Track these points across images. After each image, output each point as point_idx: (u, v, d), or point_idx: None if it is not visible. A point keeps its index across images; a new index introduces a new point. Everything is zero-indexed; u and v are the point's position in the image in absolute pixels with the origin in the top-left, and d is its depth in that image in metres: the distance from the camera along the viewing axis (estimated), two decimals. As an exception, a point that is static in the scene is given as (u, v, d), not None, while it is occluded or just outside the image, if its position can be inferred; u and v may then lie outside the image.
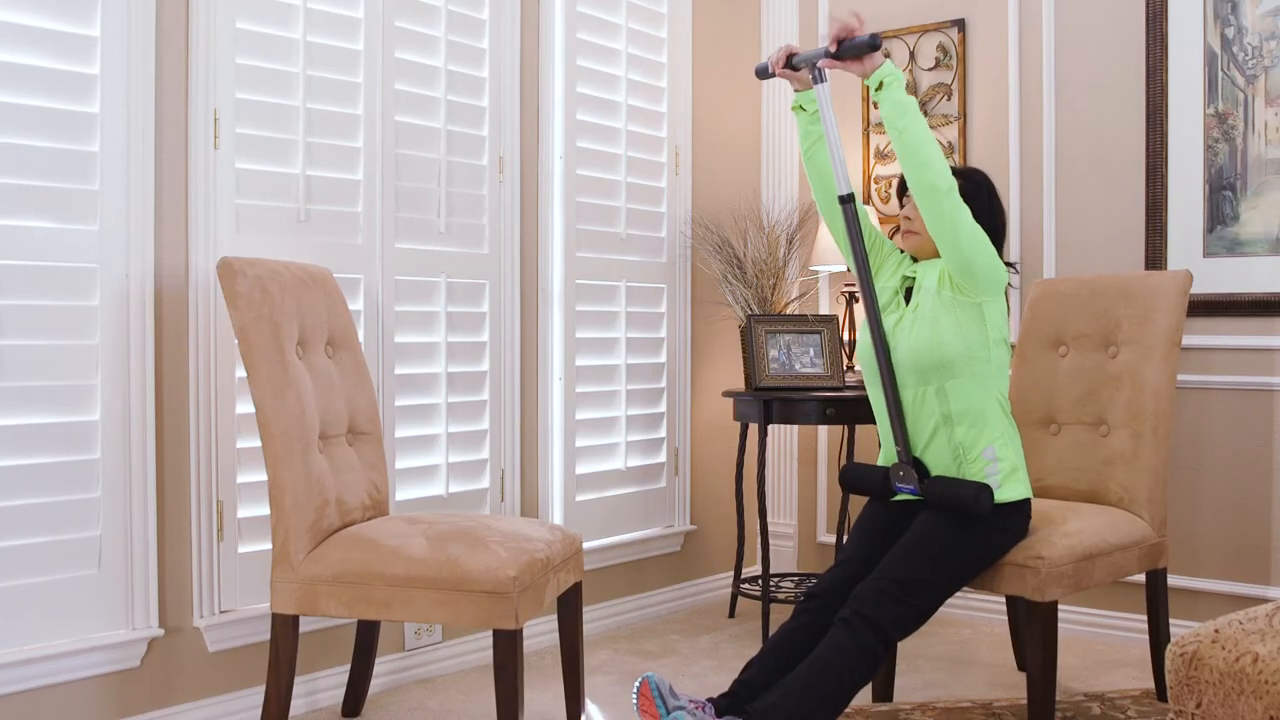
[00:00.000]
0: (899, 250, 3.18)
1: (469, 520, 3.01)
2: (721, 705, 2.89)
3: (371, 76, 3.45)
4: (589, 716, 3.30)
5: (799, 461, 4.87)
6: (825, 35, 2.92)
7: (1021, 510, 3.03)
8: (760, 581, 4.25)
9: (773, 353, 4.19)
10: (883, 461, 3.18)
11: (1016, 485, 3.00)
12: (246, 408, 3.07)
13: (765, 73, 3.13)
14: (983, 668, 3.77)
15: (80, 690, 2.90)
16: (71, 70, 2.86)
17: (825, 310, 4.80)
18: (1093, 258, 4.11)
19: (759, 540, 4.35)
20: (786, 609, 4.30)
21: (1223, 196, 3.87)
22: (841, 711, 2.84)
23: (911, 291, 3.08)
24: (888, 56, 2.96)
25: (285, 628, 2.86)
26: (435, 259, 3.65)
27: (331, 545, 2.86)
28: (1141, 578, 3.55)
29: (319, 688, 3.36)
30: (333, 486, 2.96)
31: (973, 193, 3.08)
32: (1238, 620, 2.28)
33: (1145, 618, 3.53)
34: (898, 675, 3.59)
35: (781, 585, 4.54)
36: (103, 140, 2.91)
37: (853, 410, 4.08)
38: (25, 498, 2.79)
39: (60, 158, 2.84)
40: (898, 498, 3.10)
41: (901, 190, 3.18)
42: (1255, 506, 3.82)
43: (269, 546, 3.13)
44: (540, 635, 3.94)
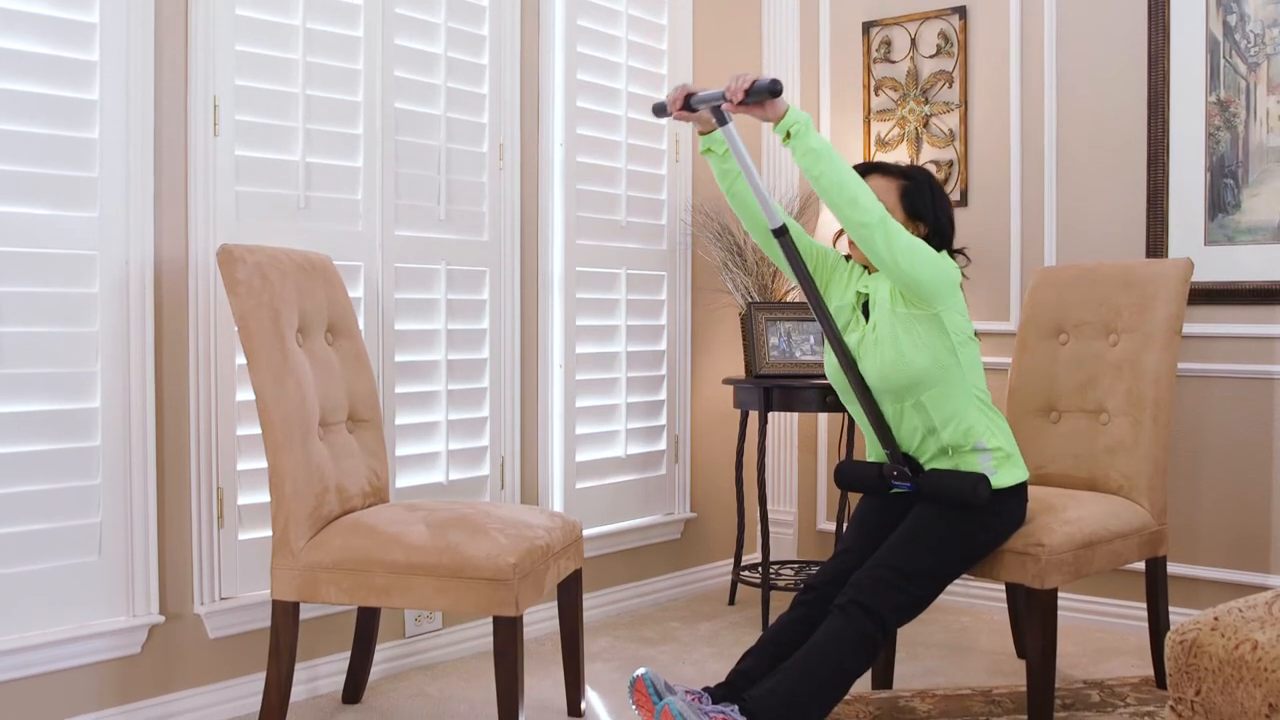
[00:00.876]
0: (845, 259, 3.17)
1: (469, 507, 3.01)
2: (719, 695, 2.90)
3: (371, 63, 3.45)
4: (589, 703, 3.31)
5: (799, 449, 4.87)
6: (729, 85, 2.81)
7: (1018, 495, 3.04)
8: (760, 569, 4.26)
9: (773, 340, 4.19)
10: (872, 455, 3.18)
11: (1012, 470, 3.00)
12: (247, 395, 3.07)
13: (663, 112, 3.02)
14: (982, 655, 3.78)
15: (81, 677, 2.90)
16: (71, 57, 2.85)
17: (826, 298, 4.79)
18: (1093, 245, 4.11)
19: (759, 528, 4.35)
20: (786, 596, 4.31)
21: (1224, 184, 3.86)
22: (839, 699, 2.84)
23: (869, 305, 3.07)
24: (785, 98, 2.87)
25: (286, 615, 2.87)
26: (435, 246, 3.64)
27: (332, 532, 2.87)
28: (1141, 565, 3.55)
29: (319, 674, 3.37)
30: (333, 474, 2.96)
31: (915, 192, 3.07)
32: (1237, 608, 2.29)
33: (1145, 606, 3.53)
34: (897, 663, 3.60)
35: (781, 573, 4.55)
36: (102, 127, 2.90)
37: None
38: (26, 485, 2.79)
39: (59, 144, 2.84)
40: (895, 491, 3.10)
41: None
42: (1255, 495, 3.82)
43: (269, 533, 3.13)
44: (540, 622, 3.94)
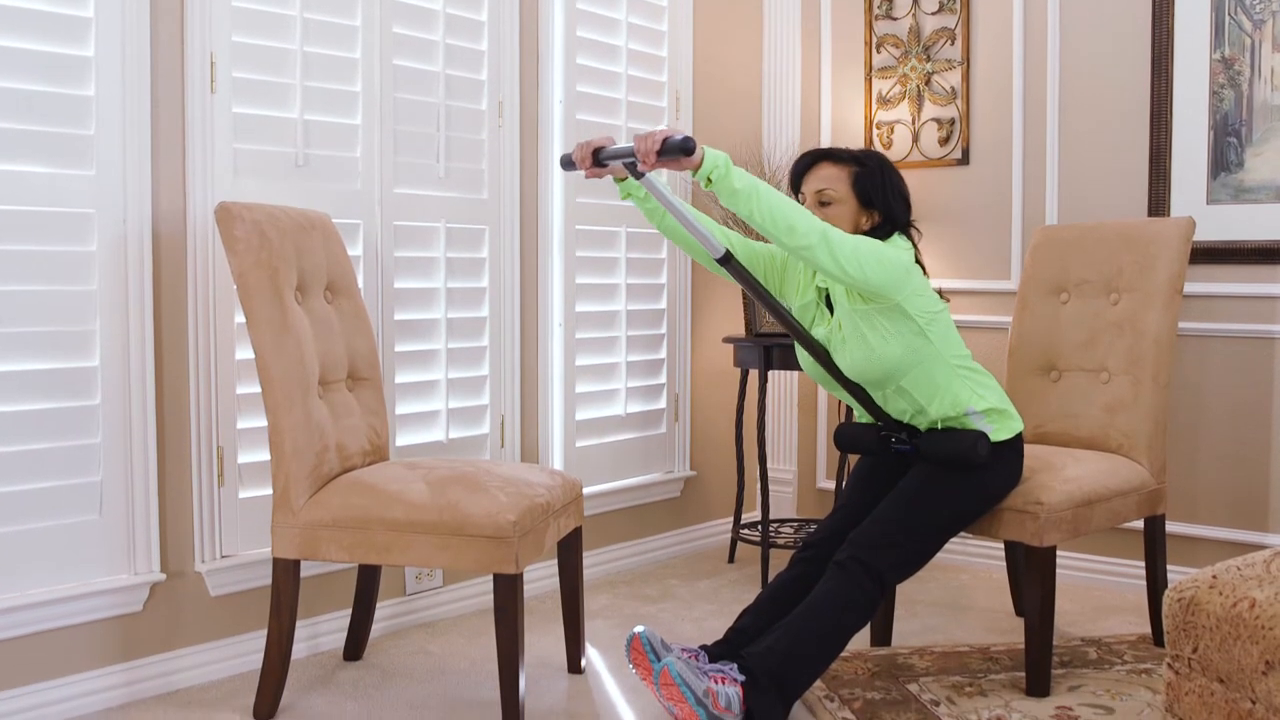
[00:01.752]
0: None
1: (469, 465, 3.01)
2: (716, 653, 2.91)
3: (369, 20, 3.42)
4: (589, 660, 3.33)
5: (799, 408, 4.87)
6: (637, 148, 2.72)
7: (1015, 447, 3.04)
8: (760, 527, 4.27)
9: (773, 299, 4.18)
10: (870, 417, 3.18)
11: (1007, 422, 3.01)
12: (246, 353, 3.07)
13: (570, 166, 2.92)
14: (981, 613, 3.80)
15: (83, 634, 2.91)
16: (65, 13, 2.83)
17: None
18: (1095, 204, 4.09)
19: (759, 486, 4.36)
20: (786, 554, 4.32)
21: (1227, 143, 3.84)
22: (836, 655, 2.86)
23: (830, 298, 3.04)
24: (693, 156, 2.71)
25: (286, 572, 2.88)
26: (434, 204, 3.63)
27: (332, 490, 2.87)
28: (1140, 524, 3.56)
29: (320, 632, 3.39)
30: (333, 432, 2.96)
31: (867, 178, 3.01)
32: (1235, 566, 2.29)
33: (1143, 564, 3.54)
34: (896, 620, 3.61)
35: (781, 531, 4.56)
36: (98, 84, 2.88)
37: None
38: (26, 443, 2.79)
39: (55, 102, 2.82)
40: (895, 449, 3.10)
41: (796, 186, 3.10)
42: (1254, 454, 3.83)
43: (269, 492, 3.14)
44: (541, 580, 3.96)
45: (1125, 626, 3.63)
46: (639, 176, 2.81)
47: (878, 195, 3.01)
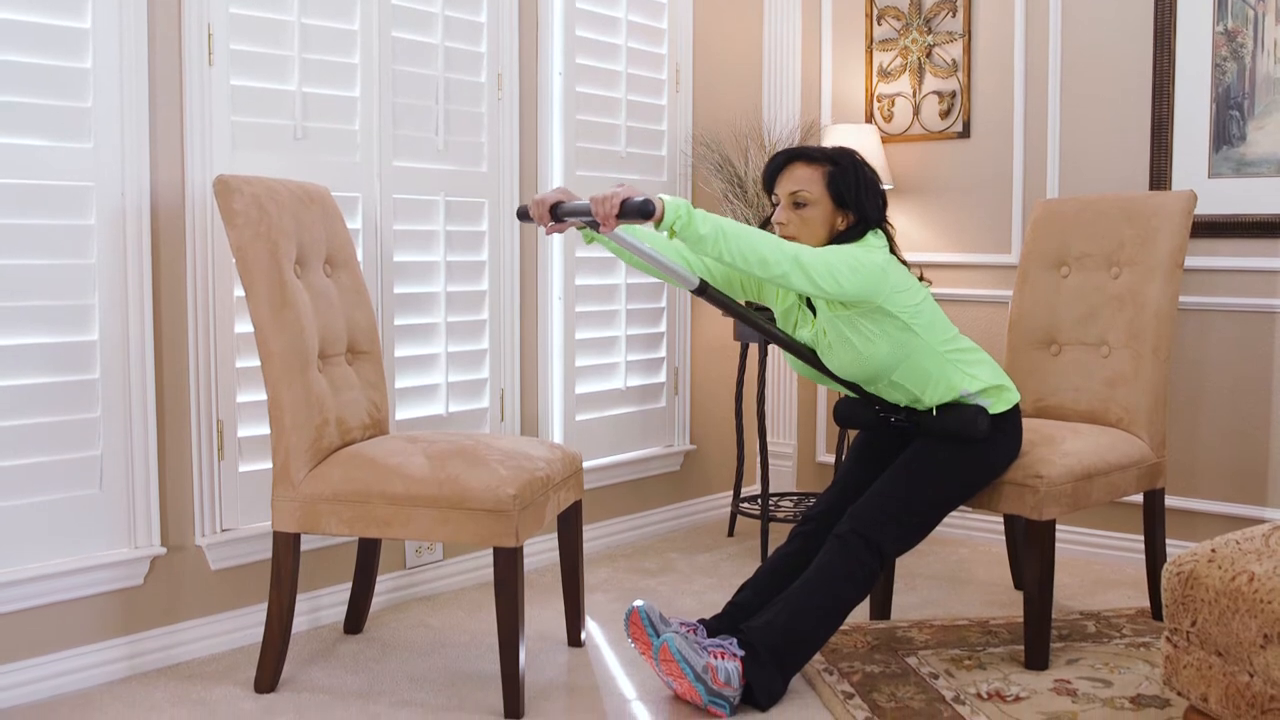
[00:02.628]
0: None
1: (469, 439, 3.01)
2: (714, 627, 2.93)
3: (368, -9, 3.40)
4: (589, 634, 3.34)
5: (798, 382, 4.87)
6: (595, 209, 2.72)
7: (1012, 419, 3.05)
8: (759, 501, 4.28)
9: (773, 273, 4.17)
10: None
11: (1003, 395, 3.02)
12: (245, 327, 3.06)
13: (526, 217, 2.89)
14: (980, 586, 3.80)
15: (84, 608, 2.92)
16: (62, -16, 2.81)
17: (826, 230, 4.77)
18: (1096, 178, 4.07)
19: (758, 460, 4.36)
20: (785, 528, 4.33)
21: (1229, 116, 3.83)
22: (836, 629, 2.88)
23: (812, 300, 3.03)
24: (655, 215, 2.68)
25: (286, 546, 2.88)
26: (434, 177, 3.62)
27: (332, 464, 2.87)
28: (1139, 498, 3.57)
29: (321, 605, 3.39)
30: (332, 406, 2.96)
31: (841, 178, 2.98)
32: (1234, 540, 2.30)
33: (1142, 538, 3.55)
34: (895, 593, 3.62)
35: (780, 504, 4.57)
36: (95, 56, 2.86)
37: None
38: (25, 418, 2.79)
39: (51, 74, 2.81)
40: (895, 423, 3.10)
41: (769, 187, 3.07)
42: (1254, 428, 3.83)
43: (269, 465, 3.14)
44: (541, 554, 3.97)
45: (1124, 600, 3.64)
46: (600, 229, 2.75)
47: (851, 195, 2.98)
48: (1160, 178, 3.93)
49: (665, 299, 4.41)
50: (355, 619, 3.32)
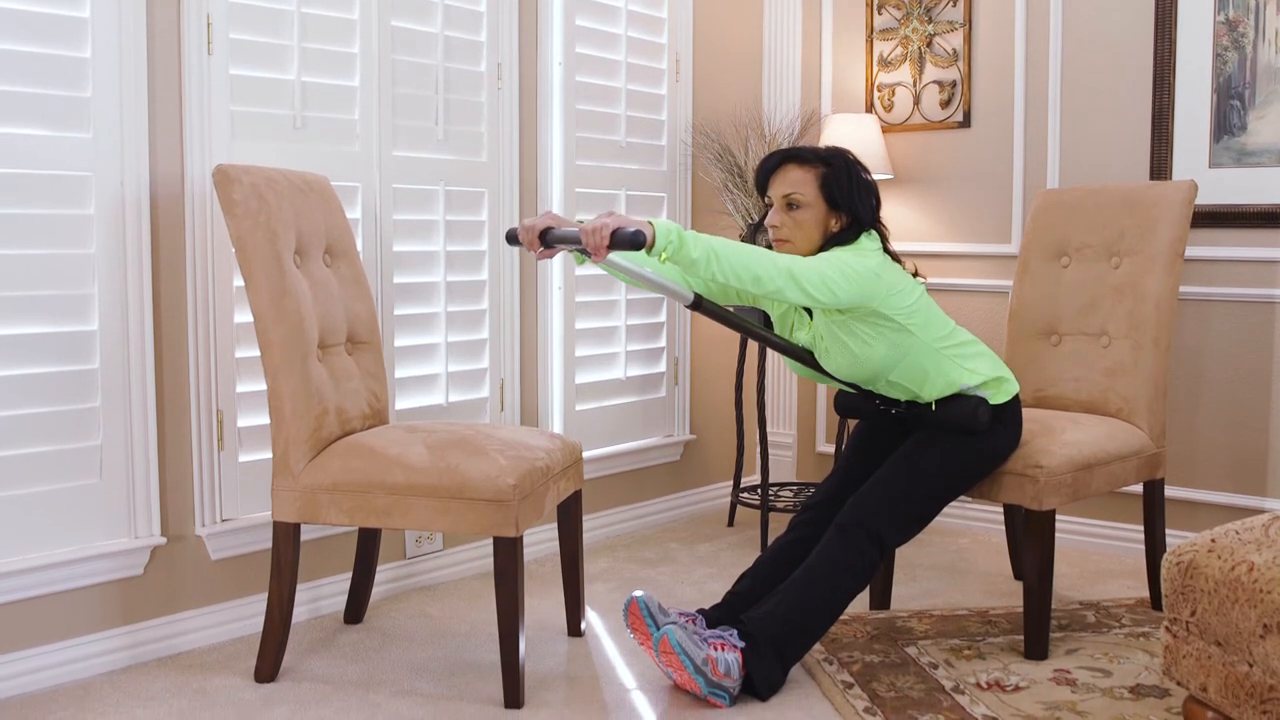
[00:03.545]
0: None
1: (469, 429, 3.01)
2: (713, 616, 2.93)
3: (367, -20, 3.39)
4: (589, 623, 3.34)
5: (799, 372, 4.87)
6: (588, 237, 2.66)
7: (1012, 410, 3.05)
8: (759, 490, 4.28)
9: (773, 263, 4.17)
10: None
11: (1003, 387, 3.02)
12: (245, 317, 3.06)
13: (515, 241, 2.86)
14: (980, 577, 3.81)
15: (84, 598, 2.92)
16: (61, -27, 2.81)
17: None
18: (1097, 168, 4.07)
19: (758, 450, 4.36)
20: (785, 518, 4.33)
21: (1230, 106, 3.82)
22: (836, 619, 2.88)
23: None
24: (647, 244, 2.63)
25: (286, 536, 2.88)
26: (433, 167, 3.61)
27: (331, 454, 2.87)
28: (1139, 488, 3.57)
29: (321, 595, 3.40)
30: (332, 395, 2.95)
31: (834, 180, 2.95)
32: (1234, 530, 2.30)
33: (1142, 528, 3.55)
34: (895, 584, 3.62)
35: (780, 494, 4.57)
36: (94, 45, 2.86)
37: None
38: (25, 408, 2.79)
39: (50, 63, 2.80)
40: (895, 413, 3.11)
41: (762, 189, 3.05)
42: (1254, 419, 3.83)
43: (269, 455, 3.14)
44: (540, 543, 3.97)
45: (1124, 590, 3.64)
46: (591, 256, 2.70)
47: (845, 197, 2.96)
48: (1161, 168, 3.93)
49: (665, 289, 4.40)
50: (355, 609, 3.32)
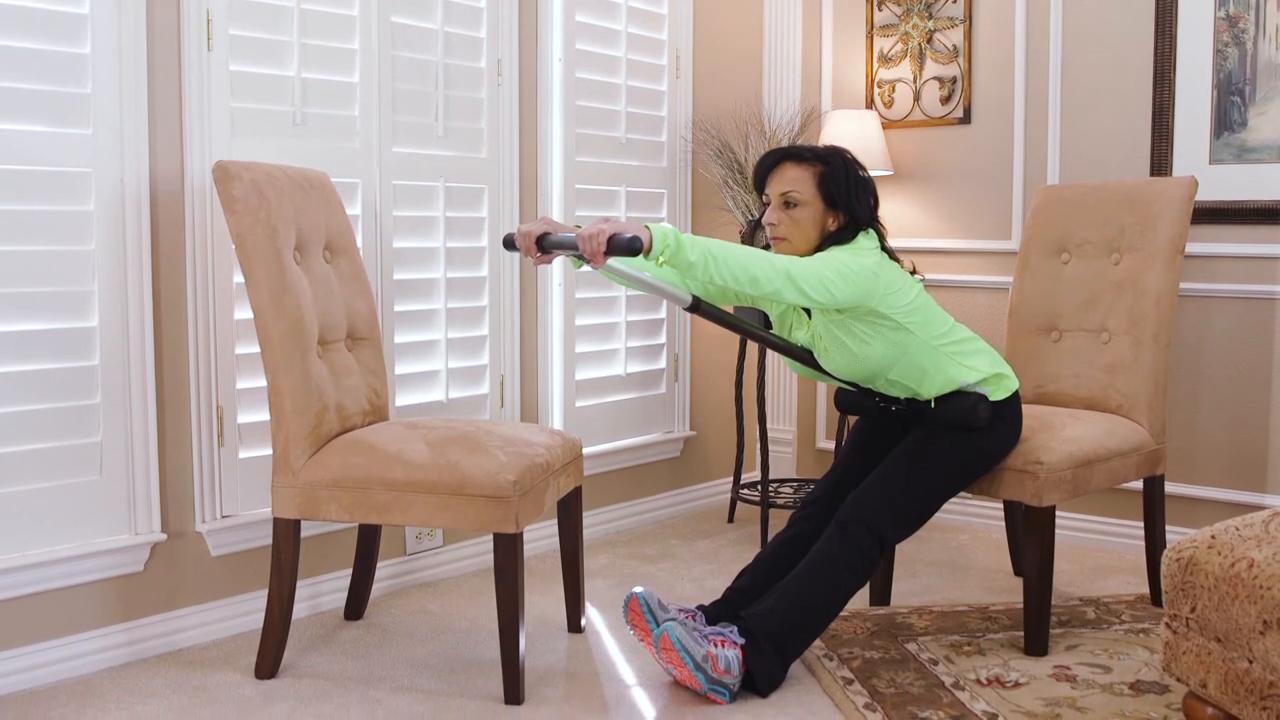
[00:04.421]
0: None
1: (469, 425, 3.01)
2: (713, 613, 2.93)
3: (367, -24, 3.39)
4: (589, 619, 3.34)
5: (799, 368, 4.87)
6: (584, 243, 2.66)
7: (1010, 406, 3.04)
8: (759, 487, 4.28)
9: (773, 259, 4.17)
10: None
11: (1002, 383, 3.02)
12: (245, 313, 3.06)
13: (513, 246, 2.85)
14: (980, 573, 3.81)
15: (84, 594, 2.92)
16: (60, -31, 2.80)
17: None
18: (1097, 164, 4.07)
19: (758, 446, 4.36)
20: (785, 514, 4.33)
21: (1231, 102, 3.82)
22: (836, 615, 2.88)
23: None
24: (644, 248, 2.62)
25: (286, 532, 2.88)
26: (433, 163, 3.61)
27: (331, 450, 2.87)
28: (1139, 484, 3.57)
29: (321, 591, 3.40)
30: (332, 392, 2.95)
31: (831, 179, 2.95)
32: (1234, 526, 2.30)
33: (1142, 524, 3.55)
34: (895, 579, 3.62)
35: (780, 491, 4.57)
36: (93, 42, 2.85)
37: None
38: (25, 404, 2.79)
39: (50, 59, 2.80)
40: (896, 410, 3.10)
41: (760, 187, 3.05)
42: (1254, 415, 3.83)
43: (269, 452, 3.14)
44: (540, 540, 3.97)
45: (1123, 586, 3.64)
46: (589, 262, 2.70)
47: (842, 196, 2.95)
48: (1161, 164, 3.93)
49: (665, 285, 4.40)
50: (355, 605, 3.32)
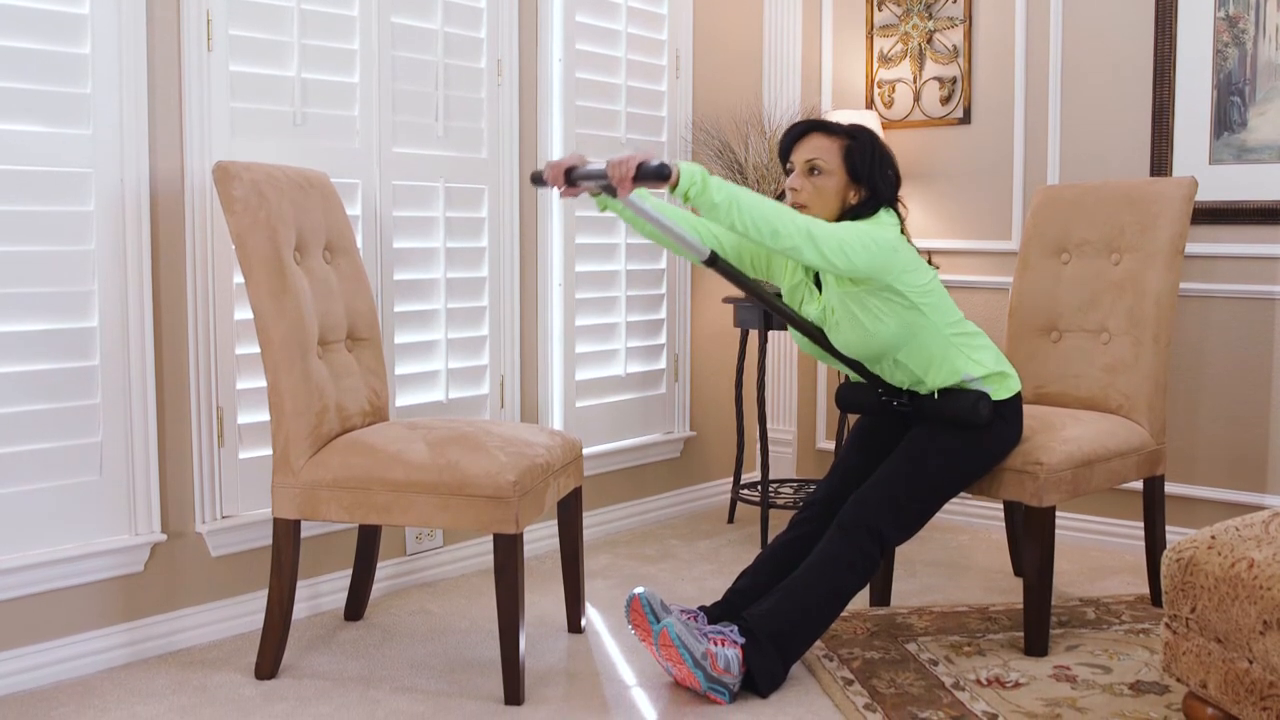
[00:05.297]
0: None
1: (469, 425, 3.01)
2: (714, 614, 2.93)
3: (367, -24, 3.39)
4: (589, 620, 3.34)
5: (798, 368, 4.87)
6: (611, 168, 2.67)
7: (1013, 406, 3.05)
8: (759, 487, 4.28)
9: (773, 259, 4.17)
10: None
11: (1005, 383, 3.02)
12: (245, 313, 3.06)
13: (541, 183, 2.86)
14: (980, 573, 3.81)
15: (85, 594, 2.92)
16: (60, -31, 2.80)
17: (827, 217, 4.76)
18: (1097, 164, 4.07)
19: (758, 446, 4.36)
20: (785, 515, 4.33)
21: (1231, 102, 3.82)
22: (837, 616, 2.88)
23: (820, 277, 3.04)
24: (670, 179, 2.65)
25: (286, 532, 2.88)
26: (433, 163, 3.61)
27: (332, 451, 2.87)
28: (1139, 485, 3.57)
29: (321, 592, 3.40)
30: (332, 392, 2.95)
31: (858, 153, 2.97)
32: (1234, 527, 2.30)
33: (1142, 525, 3.55)
34: (895, 580, 3.62)
35: (780, 491, 4.57)
36: (93, 42, 2.85)
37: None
38: (26, 404, 2.79)
39: (50, 60, 2.80)
40: (896, 408, 3.10)
41: (785, 155, 3.06)
42: (1254, 415, 3.83)
43: (269, 452, 3.14)
44: (541, 540, 3.97)
45: (1123, 587, 3.64)
46: (616, 195, 2.72)
47: (865, 170, 2.98)
48: (1161, 164, 3.93)
49: (665, 285, 4.40)
50: (356, 605, 3.32)
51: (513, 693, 2.76)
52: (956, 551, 4.05)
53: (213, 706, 2.75)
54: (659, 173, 2.60)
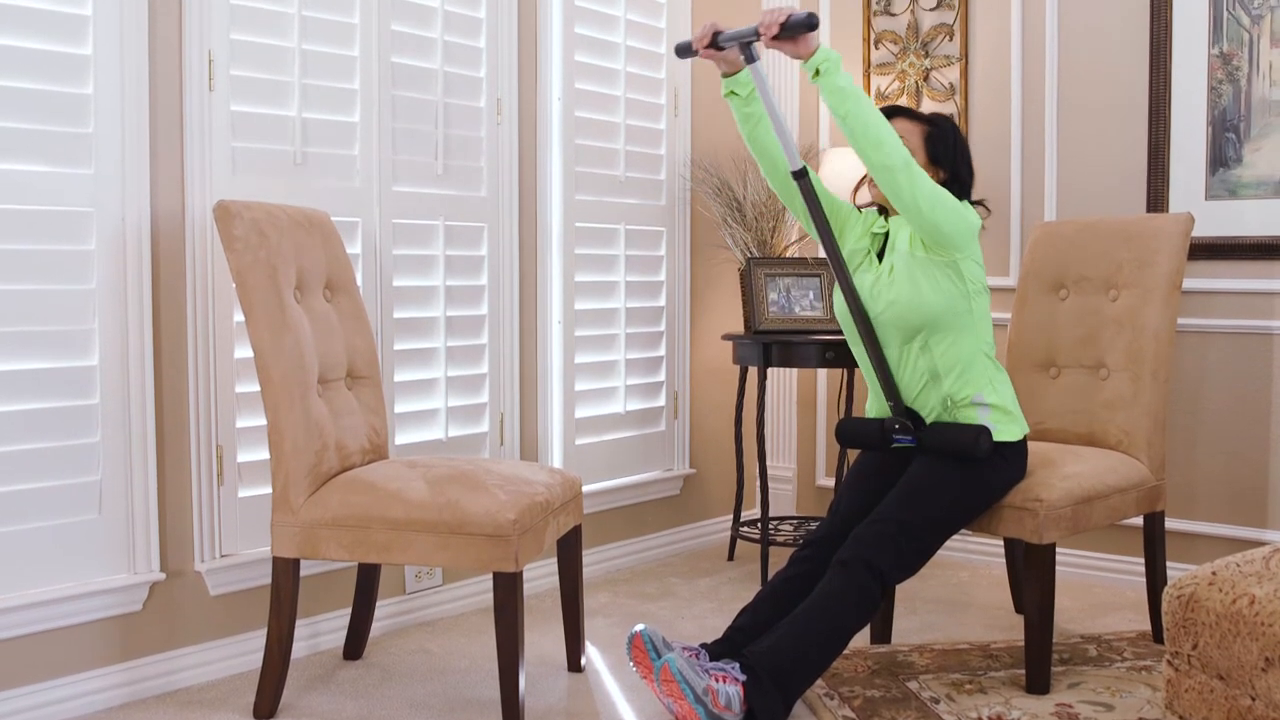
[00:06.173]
0: (858, 210, 3.19)
1: (469, 464, 3.01)
2: (715, 651, 2.91)
3: (367, 17, 3.41)
4: (589, 658, 3.33)
5: (798, 405, 4.87)
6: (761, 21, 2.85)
7: (1018, 450, 3.05)
8: (759, 525, 4.27)
9: (772, 296, 4.18)
10: (872, 411, 3.19)
11: (1011, 425, 3.02)
12: (245, 352, 3.06)
13: (688, 51, 3.00)
14: (980, 610, 3.80)
15: (83, 634, 2.91)
16: (63, 11, 2.82)
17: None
18: (1094, 200, 4.09)
19: (758, 484, 4.36)
20: (785, 552, 4.32)
21: (1226, 139, 3.84)
22: (838, 654, 2.86)
23: (884, 250, 3.08)
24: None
25: (286, 571, 2.87)
26: (433, 202, 3.63)
27: (331, 489, 2.87)
28: (1139, 521, 3.56)
29: (320, 630, 3.39)
30: (332, 430, 2.96)
31: (940, 139, 3.11)
32: (1235, 562, 2.29)
33: (1143, 561, 3.54)
34: (896, 617, 3.61)
35: (780, 528, 4.56)
36: (96, 82, 2.87)
37: (852, 354, 4.06)
38: (25, 443, 2.79)
39: (53, 100, 2.81)
40: (896, 446, 3.10)
41: None
42: (1253, 450, 3.83)
43: (269, 491, 3.14)
44: (540, 578, 3.96)
45: (1125, 623, 3.63)
46: (752, 61, 2.86)
47: (946, 155, 3.10)
48: (1157, 200, 3.95)
49: (664, 322, 4.41)
50: (355, 644, 3.31)
51: (512, 732, 2.75)
52: (957, 589, 4.04)
53: (211, 747, 2.73)
54: (808, 23, 2.77)
